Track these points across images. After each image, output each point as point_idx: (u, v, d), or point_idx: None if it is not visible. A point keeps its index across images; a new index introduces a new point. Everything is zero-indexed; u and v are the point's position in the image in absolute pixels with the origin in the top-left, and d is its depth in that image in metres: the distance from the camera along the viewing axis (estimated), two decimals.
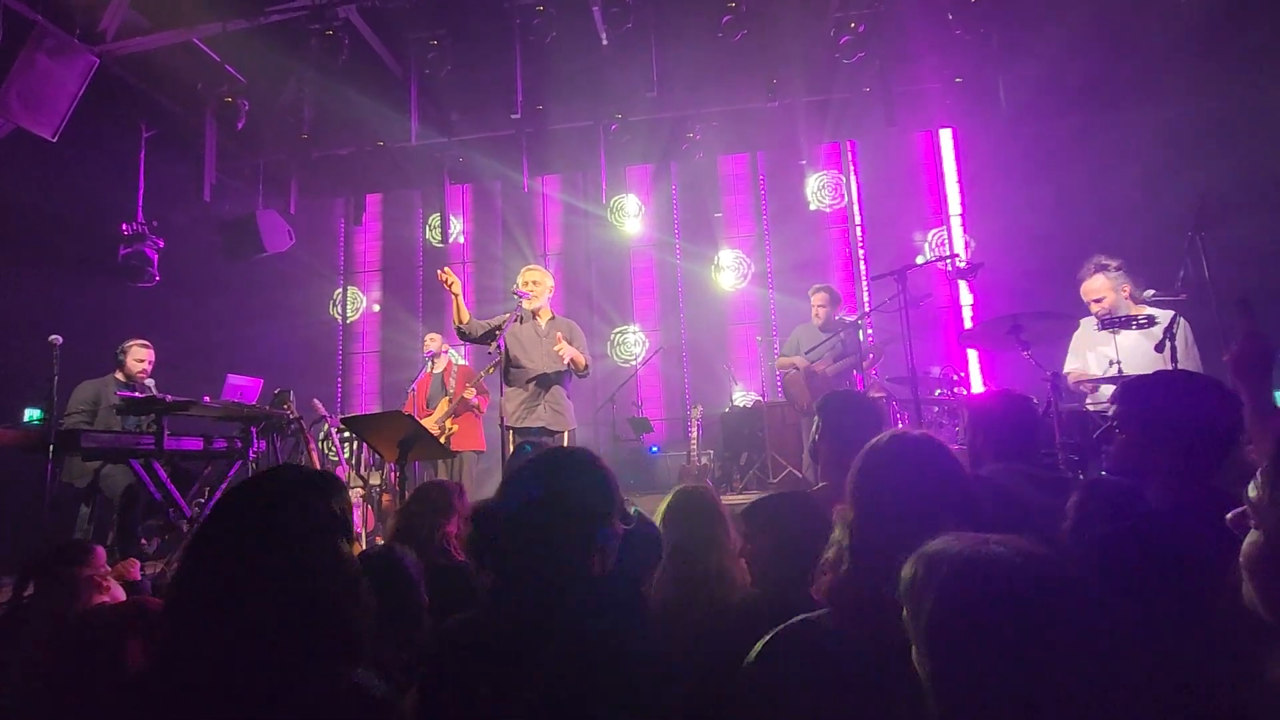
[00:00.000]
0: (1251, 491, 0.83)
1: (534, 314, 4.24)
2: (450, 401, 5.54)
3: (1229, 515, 0.88)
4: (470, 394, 5.45)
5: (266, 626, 0.97)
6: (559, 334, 4.11)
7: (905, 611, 0.91)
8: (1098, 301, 3.57)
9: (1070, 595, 0.84)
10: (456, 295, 4.03)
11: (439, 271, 3.96)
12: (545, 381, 4.11)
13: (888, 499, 1.23)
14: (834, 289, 5.26)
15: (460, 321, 4.09)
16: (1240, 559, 0.85)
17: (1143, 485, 1.52)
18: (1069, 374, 3.68)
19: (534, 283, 4.23)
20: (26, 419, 4.55)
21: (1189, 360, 3.14)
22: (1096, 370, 3.59)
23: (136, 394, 4.28)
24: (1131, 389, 1.72)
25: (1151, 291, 3.45)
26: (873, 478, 1.31)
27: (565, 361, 4.04)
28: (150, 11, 5.46)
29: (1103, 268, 3.55)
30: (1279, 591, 0.81)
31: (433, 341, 5.93)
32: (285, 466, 3.79)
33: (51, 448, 3.58)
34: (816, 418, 2.23)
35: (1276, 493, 0.78)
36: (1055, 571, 0.85)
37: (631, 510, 1.39)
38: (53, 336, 3.73)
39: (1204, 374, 2.73)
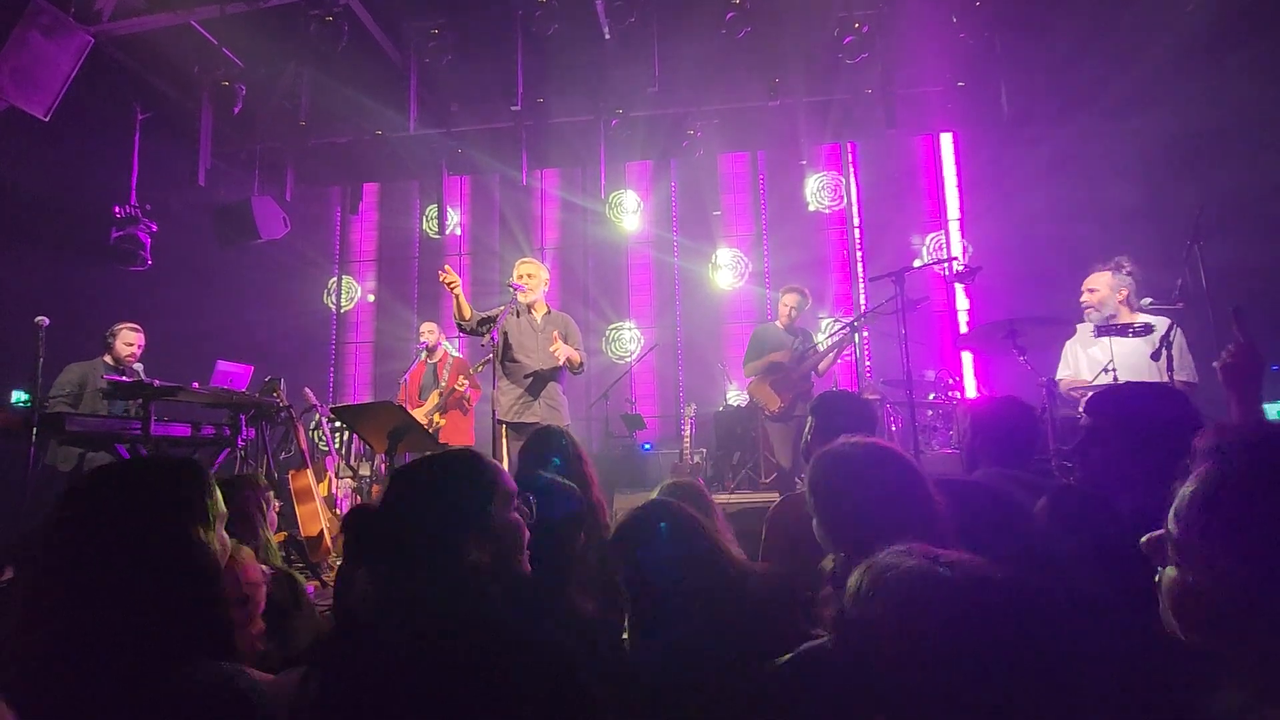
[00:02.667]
0: (1171, 525, 0.78)
1: (530, 308, 4.21)
2: (440, 394, 5.50)
3: (1143, 540, 0.84)
4: (462, 385, 5.41)
5: (110, 619, 0.93)
6: (555, 332, 4.08)
7: (850, 619, 0.90)
8: (1092, 291, 3.55)
9: (1015, 619, 0.81)
10: (457, 294, 3.98)
11: (440, 271, 3.92)
12: (542, 378, 4.08)
13: (846, 509, 1.23)
14: (806, 291, 5.16)
15: (463, 318, 4.05)
16: (1163, 594, 0.79)
17: (1114, 493, 1.51)
18: (1060, 381, 3.67)
19: (529, 275, 4.19)
20: (13, 401, 4.51)
21: (1184, 369, 3.13)
22: (1089, 375, 3.59)
23: (124, 378, 4.23)
24: (1098, 400, 1.74)
25: (1149, 300, 3.44)
26: (827, 486, 1.34)
27: (560, 362, 4.01)
28: None
29: (1116, 267, 3.53)
30: (1209, 633, 0.75)
31: (429, 333, 5.89)
32: (141, 457, 3.74)
33: (35, 431, 3.53)
34: (810, 418, 2.21)
35: (1210, 530, 0.72)
36: (1001, 595, 0.82)
37: (531, 499, 1.36)
38: (38, 318, 3.68)
39: (1158, 381, 2.74)
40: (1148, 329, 3.26)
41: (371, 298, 9.03)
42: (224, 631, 1.01)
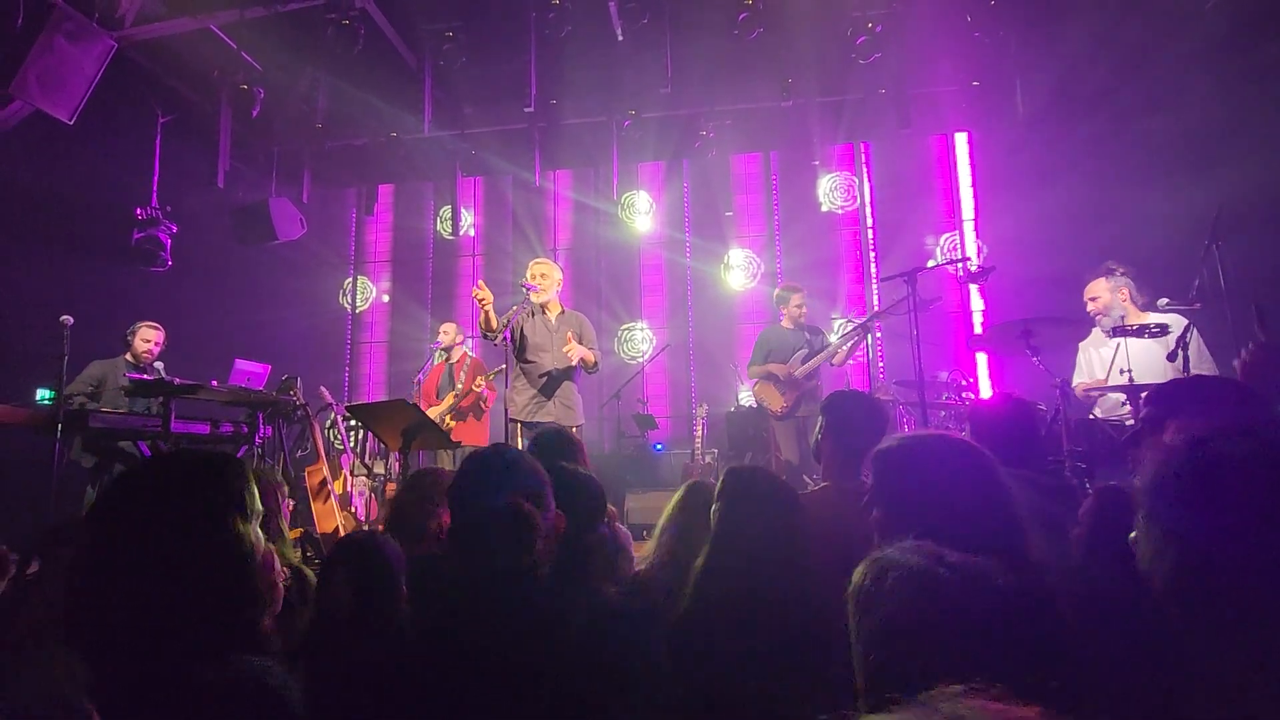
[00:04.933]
0: (1135, 535, 0.80)
1: (543, 308, 4.23)
2: (455, 396, 5.54)
3: (1131, 536, 0.86)
4: (479, 386, 5.44)
5: (155, 607, 0.94)
6: (570, 332, 4.10)
7: (850, 615, 0.89)
8: (1092, 301, 3.55)
9: (1016, 621, 0.81)
10: (487, 310, 3.96)
11: (473, 289, 3.92)
12: (556, 378, 4.10)
13: (916, 502, 1.19)
14: (799, 286, 5.21)
15: (489, 329, 4.00)
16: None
17: None
18: (1077, 387, 3.64)
19: (542, 275, 4.22)
20: (39, 398, 4.60)
21: (1202, 369, 3.10)
22: (1103, 377, 3.56)
23: (146, 376, 4.32)
24: (1163, 393, 1.66)
25: (1165, 300, 3.40)
26: (900, 478, 1.29)
27: (574, 362, 4.03)
28: None
29: (1108, 271, 3.55)
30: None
31: (446, 335, 5.93)
32: (186, 450, 3.78)
33: (59, 427, 3.61)
34: (820, 417, 2.21)
35: (1152, 532, 0.74)
36: (999, 599, 0.82)
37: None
38: (64, 317, 3.77)
39: (1224, 377, 2.69)
40: (1163, 329, 3.23)
41: (386, 298, 9.11)
42: (256, 626, 1.03)
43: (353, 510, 4.74)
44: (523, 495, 1.31)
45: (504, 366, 4.06)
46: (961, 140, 7.72)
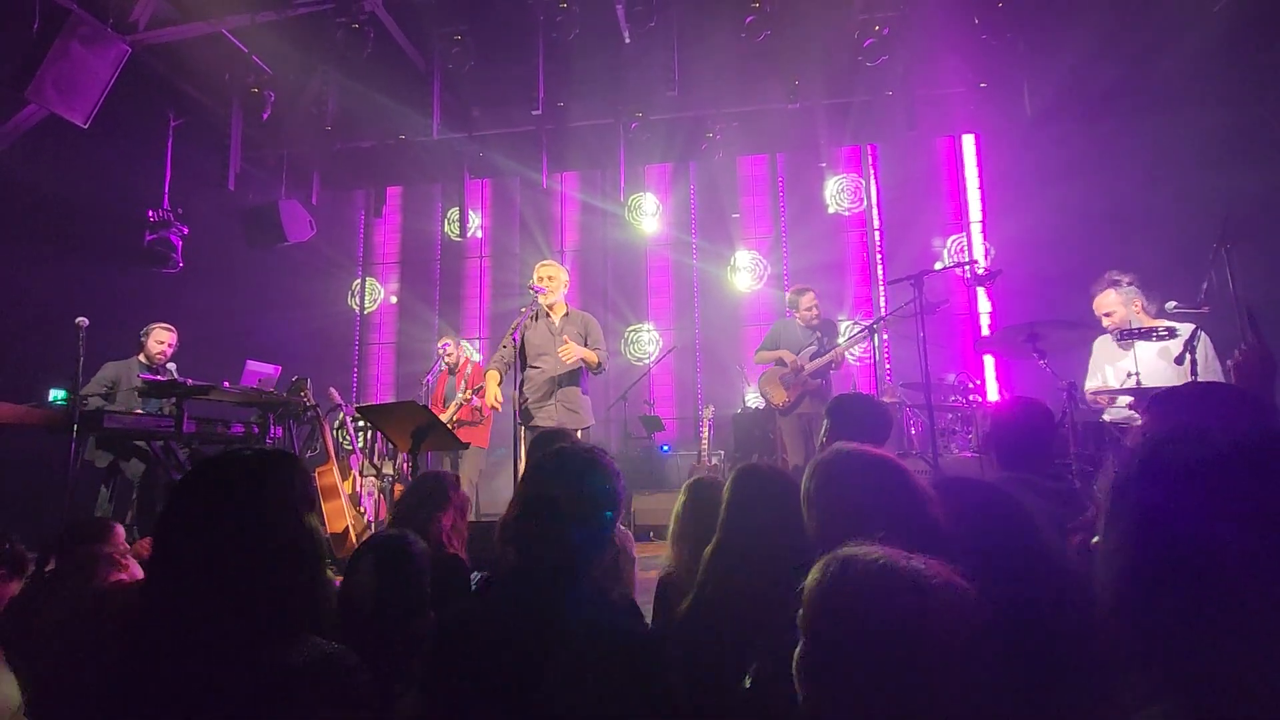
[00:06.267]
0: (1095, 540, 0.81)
1: (549, 310, 4.24)
2: (456, 405, 5.57)
3: (1094, 540, 0.87)
4: (466, 396, 5.38)
5: (237, 597, 0.99)
6: (567, 335, 4.11)
7: (801, 610, 0.92)
8: (1108, 316, 3.54)
9: (956, 624, 0.83)
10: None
11: (486, 401, 4.08)
12: (559, 380, 4.11)
13: (843, 515, 1.25)
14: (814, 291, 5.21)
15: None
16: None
17: None
18: (1088, 391, 3.63)
19: (549, 278, 4.22)
20: (51, 399, 4.66)
21: (1209, 373, 3.10)
22: (1115, 384, 3.55)
23: (159, 378, 4.37)
24: (1162, 402, 1.68)
25: (1173, 303, 3.40)
26: (826, 493, 1.37)
27: (570, 363, 4.04)
28: (181, 2, 5.55)
29: (1114, 283, 3.52)
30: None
31: (450, 355, 5.87)
32: (244, 448, 3.84)
33: (75, 428, 3.66)
34: (826, 419, 2.23)
35: (1110, 535, 0.74)
36: (943, 606, 0.84)
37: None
38: (79, 319, 3.81)
39: (1229, 384, 2.68)
40: (1171, 333, 3.22)
41: (394, 299, 9.17)
42: (323, 613, 1.09)
43: (362, 511, 4.78)
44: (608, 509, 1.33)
45: (482, 385, 4.11)
46: (969, 142, 7.71)
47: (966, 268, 6.37)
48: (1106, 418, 3.60)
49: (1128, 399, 3.39)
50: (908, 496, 1.29)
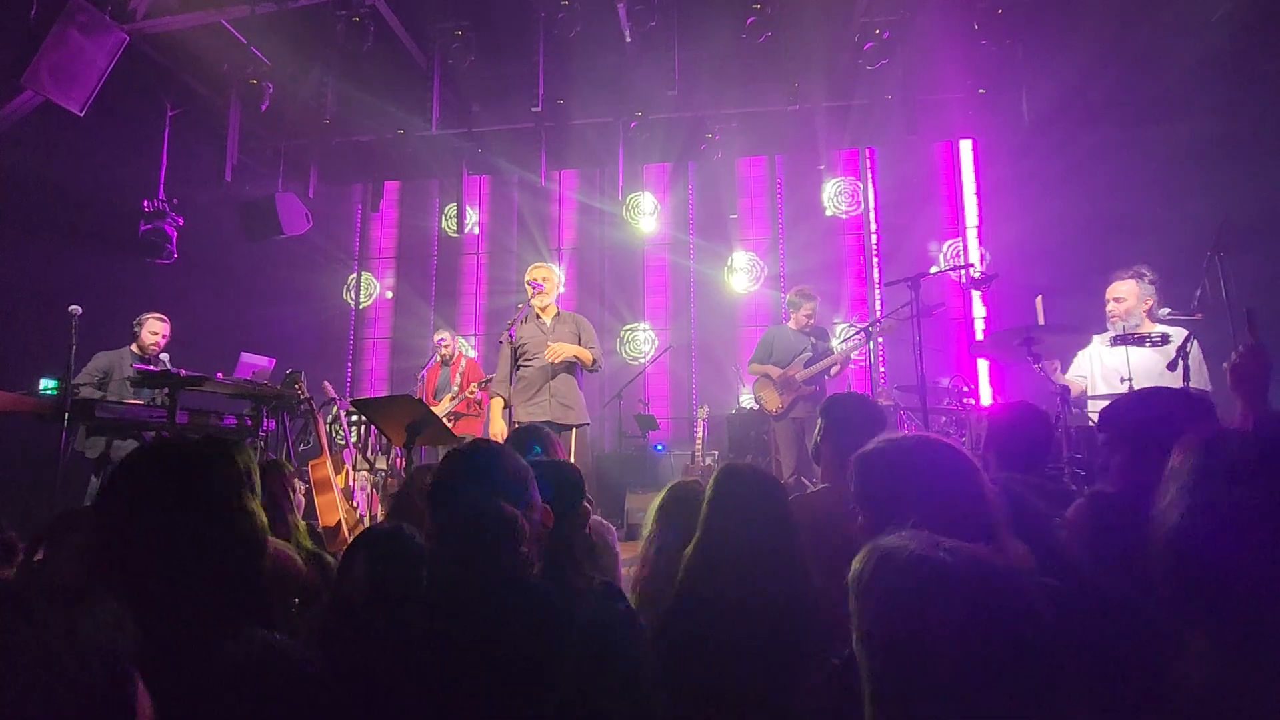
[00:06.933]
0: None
1: (539, 312, 4.29)
2: (452, 399, 5.57)
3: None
4: (472, 392, 5.46)
5: (169, 586, 0.96)
6: (549, 339, 4.16)
7: (850, 605, 0.90)
8: (1117, 301, 3.53)
9: (1017, 606, 0.82)
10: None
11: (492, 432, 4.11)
12: (550, 377, 4.15)
13: (900, 503, 1.20)
14: (812, 291, 5.23)
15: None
16: None
17: (1144, 498, 1.52)
18: (1064, 377, 3.64)
19: (544, 279, 4.29)
20: (42, 388, 4.63)
21: (1200, 379, 3.11)
22: (1105, 387, 3.57)
23: (152, 368, 4.34)
24: (1109, 410, 1.76)
25: (1167, 310, 3.42)
26: (884, 479, 1.32)
27: (556, 361, 4.08)
28: None
29: (1139, 275, 3.52)
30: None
31: (446, 347, 5.96)
32: (181, 436, 3.81)
33: (66, 417, 3.63)
34: (820, 420, 2.23)
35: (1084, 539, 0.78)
36: (1003, 581, 0.84)
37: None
38: (72, 307, 3.79)
39: (1167, 386, 2.71)
40: (1165, 339, 3.25)
41: (390, 294, 9.14)
42: (265, 601, 1.05)
43: (354, 505, 4.76)
44: (506, 491, 1.28)
45: (489, 378, 4.12)
46: (966, 147, 7.74)
47: (962, 271, 6.39)
48: (1092, 421, 3.62)
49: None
50: (972, 487, 1.25)
